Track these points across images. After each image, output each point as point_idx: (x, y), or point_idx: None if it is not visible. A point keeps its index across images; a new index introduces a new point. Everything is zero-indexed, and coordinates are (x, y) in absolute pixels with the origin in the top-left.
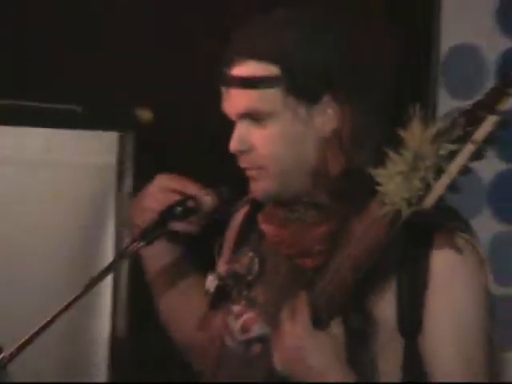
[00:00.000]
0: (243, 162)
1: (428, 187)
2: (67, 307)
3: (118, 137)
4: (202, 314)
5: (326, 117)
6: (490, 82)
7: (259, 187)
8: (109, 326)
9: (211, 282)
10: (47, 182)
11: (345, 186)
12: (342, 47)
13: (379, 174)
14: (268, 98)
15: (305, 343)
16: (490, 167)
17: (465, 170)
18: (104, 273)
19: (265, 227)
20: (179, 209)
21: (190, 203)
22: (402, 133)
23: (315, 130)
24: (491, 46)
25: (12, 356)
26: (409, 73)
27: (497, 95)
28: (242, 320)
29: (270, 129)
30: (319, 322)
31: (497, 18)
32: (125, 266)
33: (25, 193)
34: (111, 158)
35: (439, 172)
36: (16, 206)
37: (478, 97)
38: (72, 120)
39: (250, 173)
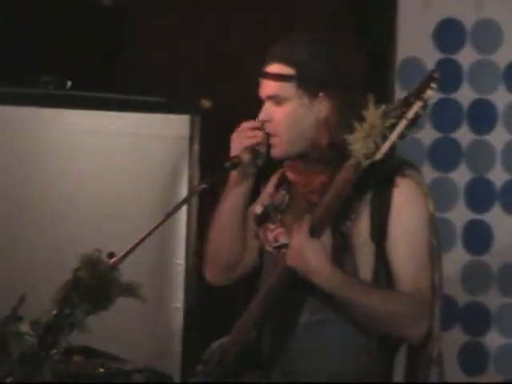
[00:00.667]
0: (267, 129)
1: (377, 147)
2: (155, 228)
3: (190, 118)
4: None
5: (320, 107)
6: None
7: (277, 150)
8: (184, 250)
9: (259, 208)
10: (144, 150)
11: (329, 154)
12: (333, 61)
13: (350, 138)
14: (285, 88)
15: (304, 245)
16: (428, 135)
17: (402, 136)
18: (181, 204)
19: (289, 175)
20: (228, 164)
21: (235, 159)
22: (363, 111)
23: (313, 115)
24: (430, 58)
25: (122, 259)
26: (374, 76)
27: (423, 88)
28: (274, 233)
29: (284, 108)
30: (315, 234)
31: (433, 38)
32: (195, 202)
33: (127, 158)
34: (185, 133)
35: (385, 137)
36: (121, 166)
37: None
38: (159, 107)
39: (271, 140)
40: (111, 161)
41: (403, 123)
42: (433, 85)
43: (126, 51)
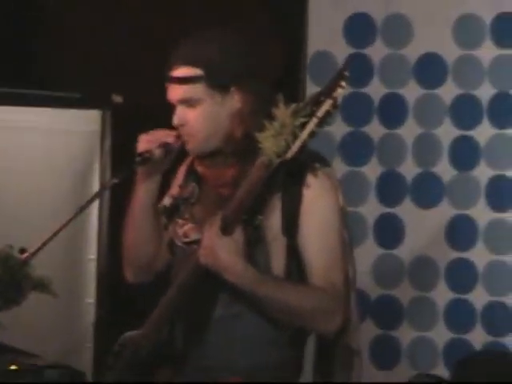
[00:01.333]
0: (182, 133)
1: (288, 146)
2: (66, 223)
3: (101, 113)
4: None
5: (233, 101)
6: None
7: (190, 147)
8: (96, 246)
9: (167, 200)
10: (56, 145)
11: (245, 144)
12: (241, 53)
13: (259, 136)
14: (196, 90)
15: (215, 243)
16: (339, 130)
17: (312, 135)
18: (92, 199)
19: (200, 169)
20: (139, 158)
21: (146, 154)
22: (273, 110)
23: (226, 109)
24: (339, 53)
25: (33, 255)
26: (287, 69)
27: (333, 86)
28: (184, 229)
29: (197, 109)
30: (227, 230)
31: (344, 32)
32: (107, 197)
33: (41, 151)
34: (97, 128)
35: (296, 136)
36: (31, 161)
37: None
38: (71, 102)
39: (186, 138)
40: (21, 156)
41: (314, 122)
42: (343, 83)
43: (39, 46)
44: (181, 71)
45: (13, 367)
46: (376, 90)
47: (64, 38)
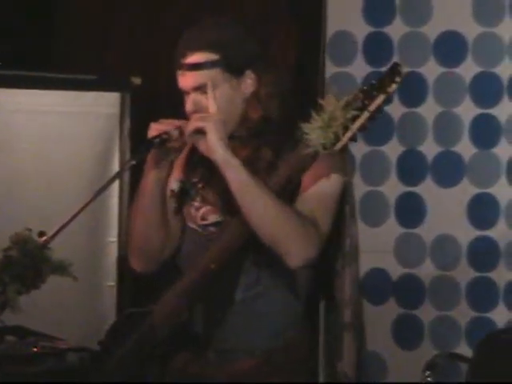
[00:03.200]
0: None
1: (338, 138)
2: (86, 205)
3: (120, 96)
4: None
5: (248, 84)
6: (359, 58)
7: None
8: (117, 228)
9: (175, 184)
10: (76, 127)
11: (261, 126)
12: (252, 37)
13: (305, 127)
14: (212, 75)
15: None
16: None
17: (362, 128)
18: (111, 181)
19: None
20: (157, 140)
21: (164, 135)
22: (320, 100)
23: (241, 93)
24: (359, 32)
25: (52, 238)
26: (306, 50)
27: (387, 81)
28: (202, 211)
29: (214, 94)
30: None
31: (363, 12)
32: (127, 179)
33: (61, 134)
34: (116, 110)
35: (346, 128)
36: (52, 144)
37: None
38: (90, 85)
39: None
40: (42, 139)
41: (365, 115)
42: (397, 78)
43: (58, 29)
44: (196, 57)
45: (34, 350)
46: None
47: (84, 20)
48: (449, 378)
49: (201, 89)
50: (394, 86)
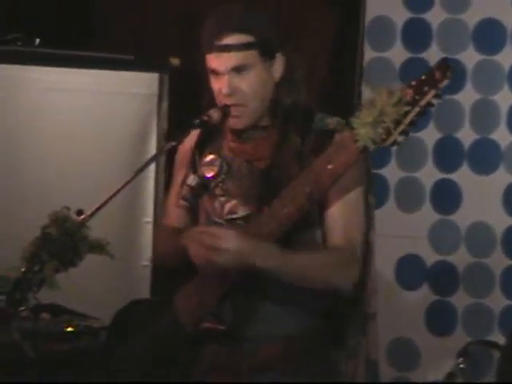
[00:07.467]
0: (230, 101)
1: (389, 133)
2: (124, 186)
3: (159, 76)
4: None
5: (278, 66)
6: (398, 43)
7: (240, 121)
8: (152, 208)
9: (192, 180)
10: (113, 107)
11: (292, 111)
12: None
13: (354, 121)
14: (248, 57)
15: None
16: None
17: (412, 123)
18: (149, 162)
19: (232, 144)
20: (197, 121)
21: (205, 117)
22: (370, 95)
23: (272, 76)
24: (398, 18)
25: (90, 217)
26: (345, 35)
27: (439, 76)
28: (229, 205)
29: (250, 76)
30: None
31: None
32: (163, 160)
33: (99, 114)
34: (154, 91)
35: (397, 123)
36: (89, 124)
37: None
38: (128, 65)
39: (235, 112)
40: (79, 118)
41: (415, 111)
42: (449, 73)
43: (95, 9)
44: (233, 38)
45: (69, 329)
46: (434, 55)
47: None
48: (481, 366)
49: (238, 70)
50: (445, 82)
